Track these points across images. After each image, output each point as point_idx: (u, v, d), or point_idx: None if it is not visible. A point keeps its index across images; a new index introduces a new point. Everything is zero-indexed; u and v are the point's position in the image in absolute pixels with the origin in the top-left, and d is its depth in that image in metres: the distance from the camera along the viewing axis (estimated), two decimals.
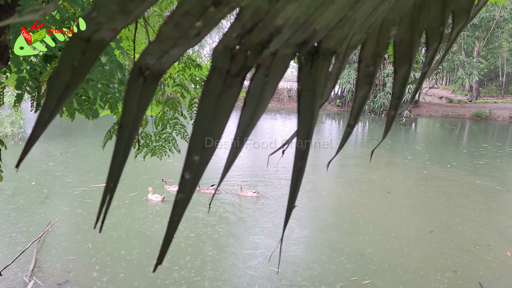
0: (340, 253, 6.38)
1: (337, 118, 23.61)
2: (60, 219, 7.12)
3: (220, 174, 0.50)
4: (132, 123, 0.47)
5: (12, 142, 12.69)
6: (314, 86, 0.49)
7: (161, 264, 0.47)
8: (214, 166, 9.52)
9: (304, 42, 0.47)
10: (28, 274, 5.40)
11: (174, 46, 0.42)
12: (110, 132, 4.04)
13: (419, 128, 22.34)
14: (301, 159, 0.50)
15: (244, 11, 0.40)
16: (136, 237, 6.65)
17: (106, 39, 0.40)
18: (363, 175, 10.90)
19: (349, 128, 0.60)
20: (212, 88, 0.44)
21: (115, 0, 0.35)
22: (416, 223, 7.73)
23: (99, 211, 0.49)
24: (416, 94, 23.62)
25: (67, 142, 13.23)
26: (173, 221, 0.46)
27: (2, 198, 8.09)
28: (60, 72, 0.42)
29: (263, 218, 7.69)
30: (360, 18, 0.48)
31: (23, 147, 0.43)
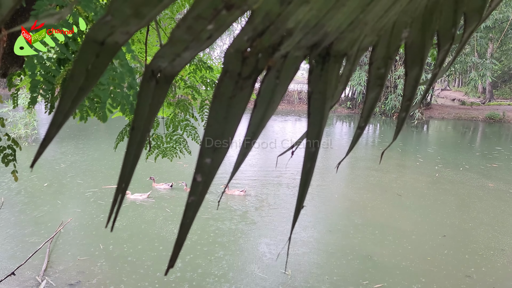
0: (350, 256, 6.34)
1: (347, 120, 23.50)
2: (71, 220, 7.20)
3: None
4: (144, 125, 0.48)
5: (26, 143, 12.87)
6: (324, 88, 0.49)
7: (173, 267, 0.47)
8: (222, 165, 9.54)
9: (315, 45, 0.47)
10: (41, 274, 5.46)
11: (186, 49, 0.42)
12: (122, 134, 4.08)
13: (431, 130, 22.12)
14: (310, 160, 0.51)
15: (256, 14, 0.40)
16: (147, 238, 6.68)
17: (119, 42, 0.41)
18: (374, 178, 10.82)
19: (360, 130, 0.60)
20: (224, 90, 0.44)
21: (129, 4, 0.36)
22: (428, 226, 7.64)
23: (111, 211, 0.49)
24: (428, 96, 23.31)
25: (79, 143, 13.38)
26: (185, 223, 0.47)
27: (16, 199, 8.21)
28: (74, 75, 0.43)
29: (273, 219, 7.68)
30: (371, 21, 0.48)
31: (38, 148, 0.44)
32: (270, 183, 10.01)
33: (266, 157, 12.95)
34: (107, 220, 0.49)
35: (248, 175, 10.51)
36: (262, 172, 11.00)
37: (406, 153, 14.39)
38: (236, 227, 7.29)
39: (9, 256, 5.97)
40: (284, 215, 7.98)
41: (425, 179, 10.94)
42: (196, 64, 4.02)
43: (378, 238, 7.05)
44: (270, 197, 8.94)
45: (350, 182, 10.57)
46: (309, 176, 0.50)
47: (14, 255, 5.98)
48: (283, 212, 8.15)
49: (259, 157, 12.74)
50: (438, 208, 8.68)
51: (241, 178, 10.09)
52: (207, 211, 7.79)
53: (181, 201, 8.43)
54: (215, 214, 7.71)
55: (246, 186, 9.38)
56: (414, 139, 18.41)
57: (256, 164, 11.81)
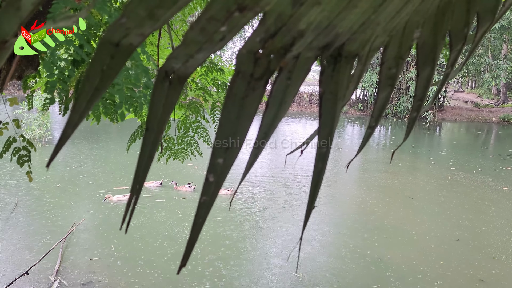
0: (361, 259, 6.30)
1: (358, 122, 23.36)
2: (83, 221, 7.28)
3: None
4: (158, 126, 0.49)
5: (40, 144, 13.04)
6: (336, 88, 0.49)
7: (185, 266, 0.48)
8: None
9: (327, 45, 0.48)
10: (54, 273, 5.53)
11: (199, 50, 0.43)
12: (134, 136, 4.12)
13: (444, 132, 21.87)
14: (322, 161, 0.51)
15: (268, 16, 0.41)
16: (158, 239, 6.73)
17: (134, 43, 0.42)
18: (385, 180, 10.74)
19: (370, 130, 0.60)
20: (236, 91, 0.45)
21: (143, 6, 0.37)
22: (441, 230, 7.56)
23: (125, 212, 0.50)
24: (440, 98, 23.05)
25: (91, 144, 13.53)
26: (197, 223, 0.47)
27: (29, 199, 8.33)
28: (90, 76, 0.44)
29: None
30: (383, 21, 0.49)
31: (54, 147, 0.44)
32: (277, 182, 10.00)
33: (274, 158, 12.94)
34: (121, 221, 0.49)
35: (254, 175, 10.51)
36: (269, 171, 11.00)
37: (418, 156, 14.25)
38: (245, 228, 7.29)
39: (23, 255, 6.06)
40: (294, 215, 7.97)
41: (438, 182, 10.82)
42: (208, 66, 4.04)
43: (390, 241, 6.99)
44: (280, 197, 8.93)
45: (361, 184, 10.50)
46: (321, 177, 0.50)
47: (28, 254, 6.07)
48: (293, 212, 8.13)
49: (264, 158, 12.72)
50: (451, 211, 8.57)
51: (247, 178, 10.09)
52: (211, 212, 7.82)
53: (193, 203, 8.46)
54: (225, 213, 7.72)
55: (233, 185, 9.40)
56: (426, 141, 18.23)
57: (263, 165, 11.81)
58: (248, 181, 9.86)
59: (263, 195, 9.15)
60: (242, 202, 8.57)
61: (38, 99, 11.62)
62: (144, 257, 6.11)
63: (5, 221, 7.25)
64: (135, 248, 6.38)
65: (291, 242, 6.88)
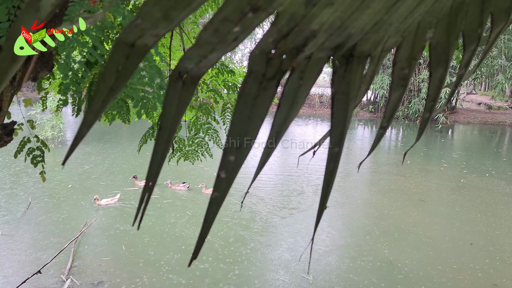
0: (372, 262, 6.25)
1: (369, 124, 23.21)
2: (94, 221, 7.35)
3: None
4: (171, 125, 0.49)
5: (52, 145, 13.21)
6: (348, 89, 0.49)
7: (196, 259, 0.48)
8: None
9: (339, 46, 0.48)
10: (66, 273, 5.60)
11: (212, 51, 0.43)
12: (145, 137, 4.15)
13: (456, 135, 21.62)
14: (333, 161, 0.51)
15: (281, 16, 0.41)
16: (167, 240, 6.76)
17: (149, 44, 0.42)
18: (397, 183, 10.65)
19: (382, 130, 0.60)
20: (248, 91, 0.45)
21: (158, 8, 0.37)
22: (453, 233, 7.47)
23: (138, 209, 0.50)
24: (453, 100, 22.78)
25: (102, 145, 13.65)
26: (208, 218, 0.48)
27: (42, 199, 8.44)
28: (105, 76, 0.44)
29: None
30: (395, 22, 0.49)
31: (70, 146, 0.45)
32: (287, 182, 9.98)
33: (283, 158, 12.93)
34: (134, 218, 0.50)
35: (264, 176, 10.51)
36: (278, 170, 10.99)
37: (430, 158, 14.11)
38: (256, 229, 7.29)
39: (35, 254, 6.14)
40: (304, 215, 7.94)
41: (450, 185, 10.70)
42: (218, 68, 4.06)
43: (401, 244, 6.93)
44: (291, 198, 8.91)
45: (372, 186, 10.43)
46: (332, 177, 0.50)
47: (40, 254, 6.14)
48: (304, 213, 8.11)
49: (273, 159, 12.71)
50: (464, 215, 8.47)
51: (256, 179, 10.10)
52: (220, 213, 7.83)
53: (203, 205, 8.49)
54: (235, 214, 7.73)
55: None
56: (438, 143, 18.03)
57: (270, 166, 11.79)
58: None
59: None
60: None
61: (52, 100, 11.77)
62: (155, 258, 6.14)
63: (18, 221, 7.36)
64: (146, 249, 6.42)
65: (294, 245, 6.86)
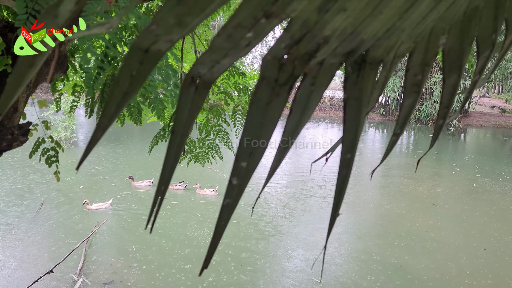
0: (382, 266, 6.20)
1: (380, 127, 23.04)
2: (106, 221, 7.41)
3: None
4: (183, 130, 0.49)
5: (65, 146, 13.36)
6: (360, 95, 0.49)
7: (207, 268, 0.48)
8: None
9: (351, 52, 0.48)
10: (77, 272, 5.65)
11: (225, 56, 0.44)
12: (156, 138, 4.17)
13: (469, 138, 21.35)
14: (346, 167, 0.51)
15: (294, 22, 0.41)
16: (177, 241, 6.78)
17: (162, 50, 0.43)
18: (408, 186, 10.55)
19: (395, 137, 0.60)
20: (260, 96, 0.45)
21: (173, 14, 0.38)
22: (466, 238, 7.37)
23: (150, 213, 0.51)
24: (466, 103, 22.67)
25: (114, 146, 13.77)
26: (219, 225, 0.48)
27: (54, 200, 8.54)
28: (120, 80, 0.45)
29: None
30: (408, 28, 0.48)
31: (84, 150, 0.45)
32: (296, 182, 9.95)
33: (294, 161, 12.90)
34: (146, 221, 0.50)
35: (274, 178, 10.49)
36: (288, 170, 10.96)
37: (441, 162, 13.96)
38: (266, 232, 7.29)
39: (48, 254, 6.21)
40: (313, 219, 7.91)
41: (462, 189, 10.57)
42: (229, 70, 4.06)
43: (412, 248, 6.86)
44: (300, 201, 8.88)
45: (383, 190, 10.35)
46: (345, 184, 0.50)
47: (53, 253, 6.21)
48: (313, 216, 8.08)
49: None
50: (476, 219, 8.35)
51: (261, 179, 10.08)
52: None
53: (213, 206, 8.51)
54: (246, 218, 7.73)
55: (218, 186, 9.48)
56: (450, 147, 17.82)
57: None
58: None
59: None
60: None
61: (65, 102, 11.92)
62: (165, 259, 6.17)
63: (31, 220, 7.45)
64: (156, 250, 6.45)
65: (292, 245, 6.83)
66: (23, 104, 2.26)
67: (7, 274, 5.66)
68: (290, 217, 8.08)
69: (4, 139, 2.14)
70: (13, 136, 2.19)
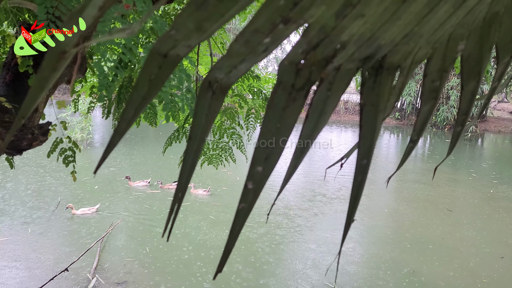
0: (396, 272, 6.12)
1: (395, 132, 22.80)
2: (119, 222, 7.49)
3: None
4: (200, 135, 0.50)
5: (81, 147, 13.56)
6: (377, 100, 0.49)
7: (221, 272, 0.48)
8: None
9: (368, 57, 0.48)
10: (91, 271, 5.72)
11: (242, 61, 0.44)
12: (171, 139, 4.20)
13: (486, 144, 20.97)
14: (362, 173, 0.50)
15: (311, 28, 0.41)
16: (191, 244, 6.81)
17: (181, 54, 0.43)
18: (423, 192, 10.41)
19: (412, 144, 0.59)
20: (277, 101, 0.46)
21: (192, 19, 0.38)
22: (482, 246, 7.23)
23: (168, 219, 0.50)
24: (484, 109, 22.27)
25: (129, 148, 13.91)
26: (234, 230, 0.47)
27: (69, 200, 8.67)
28: (139, 85, 0.46)
29: None
30: (426, 33, 0.48)
31: (102, 154, 0.46)
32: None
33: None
34: (164, 229, 0.50)
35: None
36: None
37: (458, 167, 13.74)
38: (279, 235, 7.27)
39: (63, 253, 6.30)
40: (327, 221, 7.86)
41: (479, 195, 10.38)
42: (244, 73, 4.08)
43: (427, 255, 6.76)
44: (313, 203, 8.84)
45: (398, 195, 10.23)
46: (360, 190, 0.50)
47: (68, 252, 6.30)
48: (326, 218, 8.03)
49: None
50: (494, 226, 8.19)
51: None
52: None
53: (225, 209, 8.52)
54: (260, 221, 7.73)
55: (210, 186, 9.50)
56: (467, 152, 17.53)
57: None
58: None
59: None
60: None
61: (81, 103, 12.11)
62: (178, 261, 6.20)
63: (47, 219, 7.58)
64: (169, 252, 6.49)
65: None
66: (43, 105, 2.31)
67: (23, 272, 5.76)
68: (305, 220, 8.04)
69: (25, 138, 2.19)
70: (34, 136, 2.24)
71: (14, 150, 2.25)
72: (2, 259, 6.09)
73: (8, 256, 6.16)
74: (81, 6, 0.34)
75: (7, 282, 5.50)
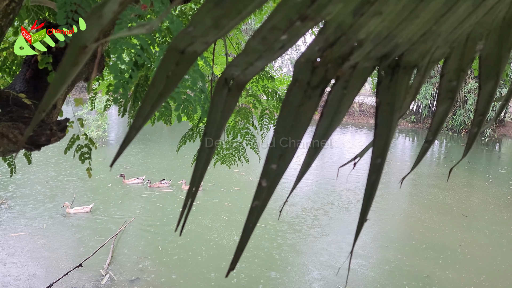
0: (409, 277, 6.05)
1: (411, 135, 22.52)
2: (133, 220, 7.57)
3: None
4: (215, 132, 0.50)
5: (97, 144, 13.72)
6: (393, 99, 0.48)
7: (234, 270, 0.48)
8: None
9: (385, 56, 0.47)
10: (105, 268, 5.79)
11: (259, 58, 0.44)
12: (185, 138, 4.22)
13: (504, 149, 20.55)
14: (376, 172, 0.50)
15: (328, 25, 0.41)
16: (203, 242, 6.84)
17: (198, 51, 0.44)
18: (438, 196, 10.27)
19: (427, 144, 0.59)
20: (292, 99, 0.46)
21: (210, 16, 0.39)
22: (499, 252, 7.09)
23: (181, 215, 0.51)
24: (501, 112, 21.89)
25: (142, 146, 14.04)
26: (247, 228, 0.47)
27: (84, 197, 8.79)
28: (156, 81, 0.46)
29: None
30: (444, 32, 0.48)
31: (118, 148, 0.46)
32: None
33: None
34: (177, 223, 0.50)
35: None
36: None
37: (474, 172, 13.50)
38: (290, 236, 7.25)
39: (77, 249, 6.39)
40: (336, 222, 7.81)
41: (496, 201, 10.18)
42: (259, 74, 4.08)
43: (441, 261, 6.66)
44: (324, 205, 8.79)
45: (412, 199, 10.11)
46: (374, 189, 0.50)
47: (83, 249, 6.39)
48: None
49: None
50: (510, 233, 8.03)
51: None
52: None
53: (237, 208, 8.54)
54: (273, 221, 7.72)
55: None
56: (484, 157, 17.22)
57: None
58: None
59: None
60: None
61: (98, 101, 12.27)
62: (189, 259, 6.23)
63: (62, 215, 7.70)
64: (181, 250, 6.53)
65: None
66: (62, 102, 2.35)
67: (38, 267, 5.86)
68: (314, 221, 8.00)
69: (43, 134, 2.24)
70: (52, 132, 2.28)
71: (33, 145, 2.30)
72: (17, 254, 6.20)
73: (23, 251, 6.28)
74: (103, 1, 0.35)
75: (21, 276, 5.60)
